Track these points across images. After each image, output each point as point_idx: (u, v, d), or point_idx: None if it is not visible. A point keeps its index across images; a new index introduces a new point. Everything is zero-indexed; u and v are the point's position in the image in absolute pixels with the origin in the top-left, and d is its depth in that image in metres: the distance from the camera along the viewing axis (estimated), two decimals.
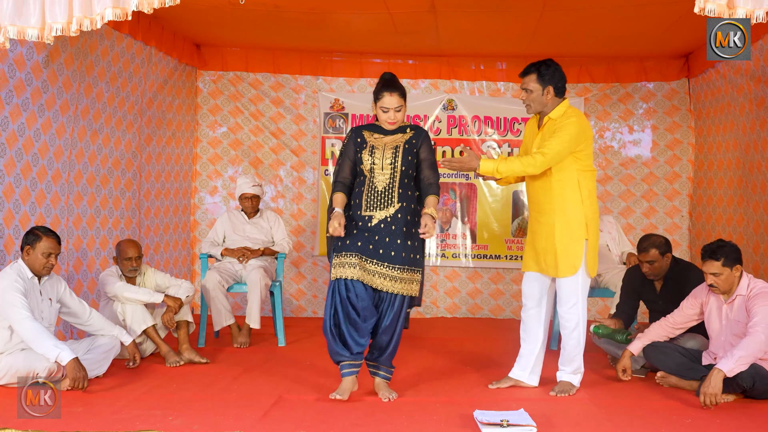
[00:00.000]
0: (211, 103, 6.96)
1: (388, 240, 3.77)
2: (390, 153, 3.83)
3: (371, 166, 3.83)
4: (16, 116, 4.40)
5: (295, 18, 5.63)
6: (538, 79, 3.92)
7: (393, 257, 3.77)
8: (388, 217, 3.79)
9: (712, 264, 3.90)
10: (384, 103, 3.81)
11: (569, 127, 3.85)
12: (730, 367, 3.67)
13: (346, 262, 3.76)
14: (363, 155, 3.86)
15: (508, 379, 4.13)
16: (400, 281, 3.78)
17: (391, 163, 3.82)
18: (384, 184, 3.82)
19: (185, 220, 6.83)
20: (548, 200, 3.94)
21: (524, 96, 3.98)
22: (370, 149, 3.86)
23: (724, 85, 5.99)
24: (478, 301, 6.92)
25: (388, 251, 3.77)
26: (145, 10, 3.55)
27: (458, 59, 6.85)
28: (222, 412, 3.50)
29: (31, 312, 3.86)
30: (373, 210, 3.80)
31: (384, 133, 3.91)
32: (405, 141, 3.87)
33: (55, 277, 4.23)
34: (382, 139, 3.89)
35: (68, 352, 3.79)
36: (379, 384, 3.88)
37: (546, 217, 3.95)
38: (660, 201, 6.81)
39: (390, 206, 3.80)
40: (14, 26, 3.64)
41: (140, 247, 4.88)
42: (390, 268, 3.76)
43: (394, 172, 3.83)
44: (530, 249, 4.08)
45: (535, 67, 3.95)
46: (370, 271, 3.76)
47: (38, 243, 3.98)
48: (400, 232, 3.79)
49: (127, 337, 4.39)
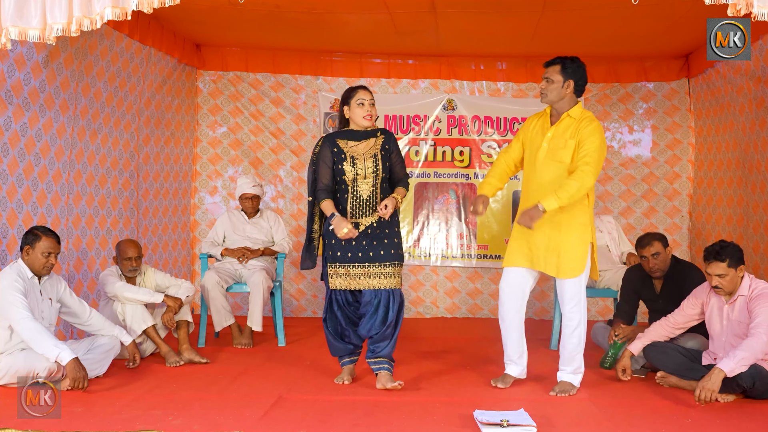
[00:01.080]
0: (211, 103, 6.96)
1: (375, 243, 4.02)
2: (371, 162, 4.03)
3: (354, 176, 4.02)
4: (18, 116, 4.40)
5: (295, 18, 5.63)
6: (561, 70, 3.94)
7: (382, 256, 4.02)
8: (374, 223, 4.03)
9: (717, 265, 3.88)
10: (360, 96, 4.02)
11: (598, 132, 3.90)
12: (731, 367, 3.67)
13: (338, 273, 4.05)
14: (345, 166, 4.02)
15: (508, 376, 4.15)
16: (391, 276, 4.03)
17: (373, 172, 4.03)
18: (368, 192, 4.04)
19: (185, 220, 6.83)
20: None
21: (544, 85, 3.98)
22: (351, 160, 4.02)
23: (724, 85, 5.99)
24: (478, 301, 6.92)
25: (377, 251, 4.02)
26: (144, 9, 3.55)
27: (458, 59, 6.85)
28: (222, 412, 3.50)
29: (31, 312, 3.86)
30: (359, 217, 4.03)
31: (356, 138, 4.07)
32: (380, 147, 4.07)
33: (55, 276, 4.23)
34: (357, 147, 4.06)
35: (68, 352, 3.79)
36: (384, 376, 4.02)
37: (551, 215, 3.88)
38: (660, 201, 6.81)
39: (375, 212, 4.03)
40: (16, 27, 3.65)
41: (140, 247, 4.88)
42: (380, 266, 4.02)
43: (376, 180, 4.05)
44: (521, 245, 4.02)
45: (561, 59, 3.98)
46: (365, 275, 4.02)
47: (38, 243, 3.98)
48: (383, 234, 4.05)
49: (127, 337, 4.39)
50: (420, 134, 6.93)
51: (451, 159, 6.94)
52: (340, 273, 4.04)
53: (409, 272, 6.96)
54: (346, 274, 4.03)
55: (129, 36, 5.48)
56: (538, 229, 3.88)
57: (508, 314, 4.08)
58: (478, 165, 6.92)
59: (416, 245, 6.95)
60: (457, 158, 6.94)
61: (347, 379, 4.14)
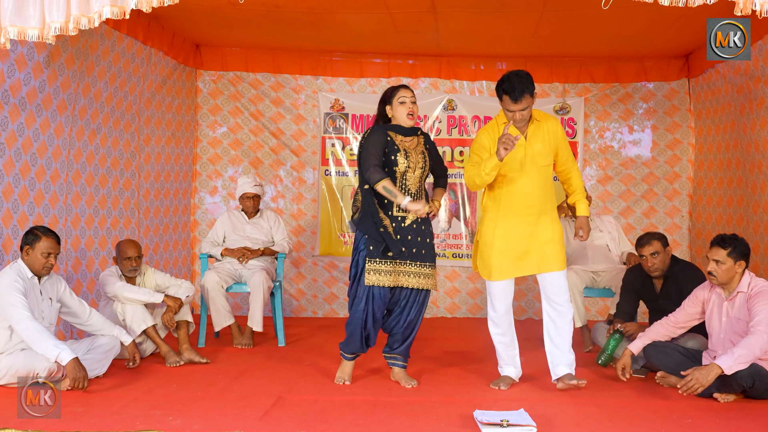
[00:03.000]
0: (211, 103, 6.96)
1: (419, 239, 4.03)
2: (420, 157, 4.04)
3: (405, 168, 3.98)
4: (15, 116, 4.40)
5: (295, 18, 5.63)
6: (530, 94, 3.88)
7: (424, 255, 4.04)
8: (420, 218, 4.02)
9: (718, 251, 3.91)
10: (402, 95, 4.00)
11: (559, 123, 4.16)
12: (729, 364, 3.67)
13: (380, 269, 3.97)
14: (398, 157, 3.96)
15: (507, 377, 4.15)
16: (428, 277, 4.06)
17: (422, 167, 4.04)
18: (416, 185, 4.03)
19: (185, 220, 6.83)
20: (544, 198, 4.03)
21: (520, 116, 3.91)
22: (404, 153, 3.99)
23: (724, 85, 5.99)
24: (478, 301, 6.92)
25: (420, 250, 4.03)
26: (143, 8, 3.55)
27: (458, 59, 6.85)
28: (222, 412, 3.50)
29: (31, 312, 3.86)
30: (407, 211, 3.94)
31: (404, 134, 4.04)
32: (423, 145, 4.11)
33: (54, 276, 4.23)
34: (405, 142, 4.03)
35: (68, 352, 3.79)
36: (399, 373, 4.13)
37: (542, 217, 4.00)
38: (660, 201, 6.81)
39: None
40: (14, 27, 3.64)
41: (140, 247, 4.88)
42: (422, 266, 4.04)
43: (423, 174, 4.07)
44: (506, 256, 4.00)
45: (525, 87, 3.84)
46: (404, 272, 4.02)
47: (38, 243, 3.97)
48: (428, 231, 4.09)
49: (127, 337, 4.38)
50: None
51: (451, 159, 6.94)
52: (382, 269, 3.96)
53: None
54: (392, 271, 3.97)
55: (129, 36, 5.48)
56: (529, 236, 3.98)
57: (501, 319, 4.11)
58: None
59: None
60: (457, 158, 6.94)
61: (347, 379, 4.15)
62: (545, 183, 4.04)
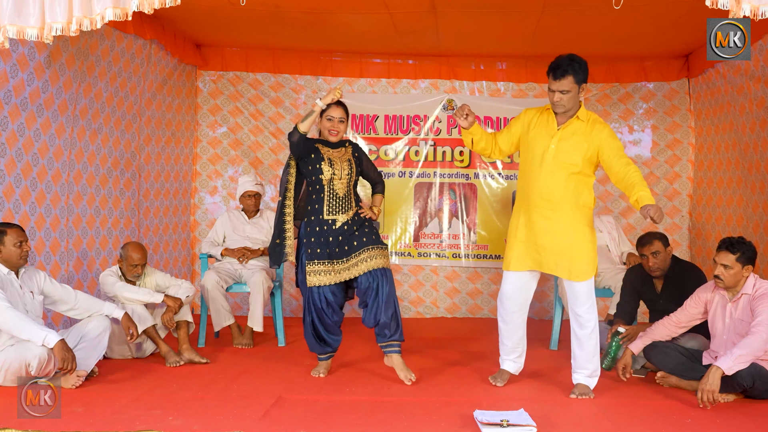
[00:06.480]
0: (211, 102, 6.96)
1: (350, 236, 4.26)
2: (346, 165, 4.34)
3: (331, 176, 4.28)
4: (15, 116, 4.40)
5: (295, 18, 5.63)
6: (575, 79, 3.80)
7: (365, 242, 4.25)
8: (349, 219, 4.29)
9: (726, 255, 3.89)
10: (330, 113, 4.34)
11: (609, 128, 3.89)
12: (729, 365, 3.67)
13: (317, 270, 4.23)
14: (323, 166, 4.28)
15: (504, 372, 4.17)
16: (380, 257, 4.22)
17: (348, 174, 4.33)
18: (344, 191, 4.32)
19: (185, 220, 6.83)
20: (565, 198, 3.85)
21: (559, 98, 3.79)
22: (329, 161, 4.30)
23: (724, 85, 5.99)
24: (478, 301, 6.92)
25: (359, 240, 4.25)
26: (145, 10, 3.55)
27: (458, 59, 6.85)
28: (222, 412, 3.50)
29: (11, 304, 3.81)
30: (336, 214, 4.28)
31: (331, 146, 4.37)
32: (350, 154, 4.41)
33: (31, 268, 4.20)
34: (332, 152, 4.35)
35: (54, 335, 3.77)
36: (397, 362, 4.20)
37: (560, 215, 3.86)
38: (660, 201, 6.80)
39: (350, 209, 4.31)
40: (14, 26, 3.63)
41: (146, 252, 4.85)
42: (366, 251, 4.22)
43: (350, 181, 4.35)
44: (528, 248, 3.97)
45: (570, 68, 3.77)
46: (344, 269, 4.22)
47: (5, 237, 3.96)
48: (360, 227, 4.30)
49: (118, 311, 4.35)
50: (420, 134, 6.94)
51: (451, 159, 6.94)
52: (321, 270, 4.21)
53: (409, 272, 6.96)
54: (330, 270, 4.22)
55: (130, 36, 5.48)
56: (546, 232, 3.88)
57: (512, 317, 4.09)
58: (478, 165, 6.92)
59: (416, 245, 6.95)
60: (457, 158, 6.94)
61: (323, 372, 4.33)
62: (568, 183, 3.83)
